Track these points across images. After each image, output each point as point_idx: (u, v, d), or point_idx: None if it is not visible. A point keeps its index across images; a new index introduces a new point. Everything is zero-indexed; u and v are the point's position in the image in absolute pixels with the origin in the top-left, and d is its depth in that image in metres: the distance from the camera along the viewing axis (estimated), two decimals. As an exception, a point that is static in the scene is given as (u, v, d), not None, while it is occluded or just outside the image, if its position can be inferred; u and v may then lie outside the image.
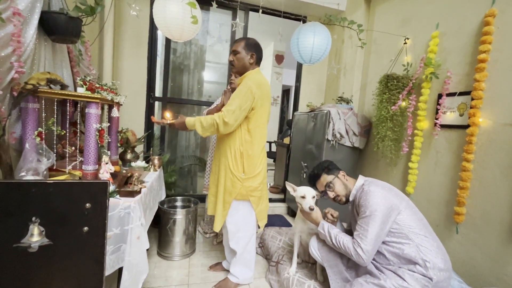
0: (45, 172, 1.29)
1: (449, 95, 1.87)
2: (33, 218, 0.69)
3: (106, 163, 1.39)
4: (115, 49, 2.48)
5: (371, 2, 2.78)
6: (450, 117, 1.87)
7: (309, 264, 1.83)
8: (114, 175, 1.43)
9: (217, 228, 1.64)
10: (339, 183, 1.46)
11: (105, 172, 1.38)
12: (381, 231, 1.23)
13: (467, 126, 1.70)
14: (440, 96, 1.91)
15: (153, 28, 2.72)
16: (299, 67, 3.35)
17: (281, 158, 3.91)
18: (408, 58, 2.23)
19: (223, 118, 1.47)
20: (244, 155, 1.59)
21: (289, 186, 1.60)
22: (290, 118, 6.11)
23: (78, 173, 1.43)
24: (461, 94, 1.80)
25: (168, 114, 1.63)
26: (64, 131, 1.47)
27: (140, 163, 1.92)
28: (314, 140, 2.69)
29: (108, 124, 1.56)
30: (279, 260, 1.88)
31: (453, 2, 1.92)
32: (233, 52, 1.63)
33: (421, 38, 2.14)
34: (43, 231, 0.70)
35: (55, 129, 1.38)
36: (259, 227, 1.79)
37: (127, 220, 1.25)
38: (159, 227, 2.11)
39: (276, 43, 5.48)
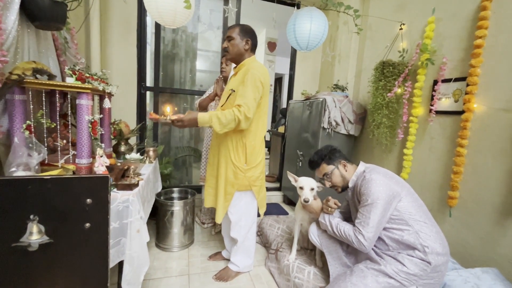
0: (36, 167, 1.24)
1: (444, 81, 1.88)
2: (31, 216, 0.65)
3: (101, 156, 1.35)
4: (102, 36, 2.37)
5: (366, -14, 2.73)
6: (445, 103, 1.88)
7: (307, 251, 1.87)
8: (109, 168, 1.39)
9: (219, 220, 1.63)
10: (337, 175, 1.45)
11: (100, 165, 1.34)
12: (382, 218, 1.24)
13: (462, 112, 1.73)
14: (435, 82, 1.92)
15: (141, 14, 2.60)
16: (293, 54, 3.30)
17: (275, 147, 3.91)
18: (404, 44, 2.22)
19: (245, 114, 1.39)
20: (246, 145, 1.57)
21: (291, 177, 1.59)
22: (283, 107, 6.07)
23: (71, 167, 1.38)
24: (456, 80, 1.81)
25: (168, 109, 1.44)
26: (54, 124, 1.40)
27: (135, 155, 1.87)
28: (310, 128, 2.68)
29: (101, 115, 1.50)
30: (278, 248, 1.91)
31: (450, -14, 1.90)
32: (228, 38, 1.58)
33: (417, 23, 2.13)
34: (43, 229, 0.67)
35: (44, 121, 1.32)
36: (258, 215, 1.80)
37: (126, 213, 1.22)
38: (157, 219, 2.09)
39: (269, 30, 5.36)
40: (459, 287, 1.32)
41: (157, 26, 2.76)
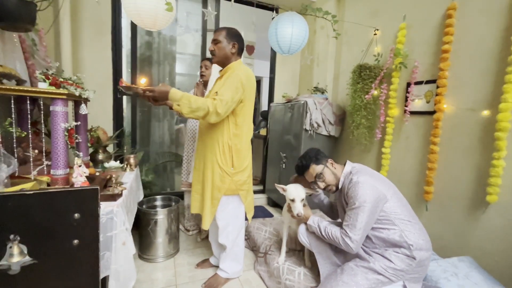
0: (6, 181, 1.13)
1: (416, 83, 2.00)
2: (11, 236, 0.59)
3: (79, 166, 1.26)
4: (73, 38, 2.23)
5: (341, -7, 2.84)
6: (418, 104, 2.01)
7: (296, 252, 1.88)
8: (90, 178, 1.31)
9: (206, 226, 1.59)
10: (329, 173, 1.46)
11: (79, 175, 1.25)
12: (369, 220, 1.28)
13: (434, 112, 1.85)
14: (408, 84, 2.04)
15: (116, 15, 2.49)
16: (273, 58, 3.34)
17: (257, 149, 3.92)
18: (378, 48, 2.34)
19: (217, 108, 1.37)
20: (233, 149, 1.55)
21: (279, 188, 1.58)
22: (263, 109, 6.09)
23: (46, 178, 1.28)
24: (427, 82, 1.94)
25: (143, 80, 1.41)
26: (25, 133, 1.29)
27: (114, 163, 1.78)
28: (292, 130, 2.72)
29: (79, 122, 1.41)
30: (267, 251, 1.91)
31: (418, -5, 2.03)
32: (214, 41, 1.56)
33: (390, 29, 2.25)
34: (25, 249, 0.61)
35: (14, 130, 1.21)
36: (246, 219, 1.79)
37: (110, 225, 1.15)
38: (139, 229, 2.00)
39: (247, 33, 5.37)
40: (440, 276, 1.40)
41: (133, 28, 2.66)
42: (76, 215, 0.65)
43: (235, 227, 1.69)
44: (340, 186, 1.45)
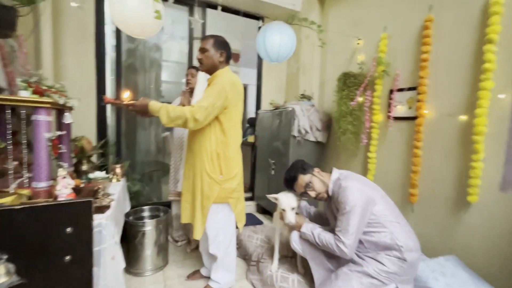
0: (-17, 195, 1.06)
1: (399, 90, 2.09)
2: (-3, 255, 0.55)
3: (64, 177, 1.21)
4: (55, 45, 2.15)
5: (325, 3, 2.95)
6: (400, 110, 2.09)
7: (288, 258, 1.88)
8: (76, 190, 1.25)
9: (198, 236, 1.56)
10: (317, 181, 1.48)
11: (64, 187, 1.19)
12: (361, 224, 1.30)
13: (415, 118, 1.94)
14: (391, 91, 2.13)
15: (99, 22, 2.44)
16: (259, 65, 3.38)
17: (245, 156, 3.90)
18: (362, 57, 2.43)
19: (194, 115, 1.39)
20: (220, 156, 1.54)
21: (271, 197, 1.59)
22: (249, 116, 6.10)
23: (26, 192, 1.21)
24: (409, 89, 2.03)
25: (126, 94, 1.45)
26: (4, 144, 1.22)
27: (100, 173, 1.71)
28: (280, 137, 2.75)
29: (64, 132, 1.35)
30: (260, 259, 1.89)
31: (398, 7, 2.15)
32: (202, 50, 1.56)
33: (372, 39, 2.35)
34: (12, 268, 0.56)
35: (-8, 141, 1.14)
36: (237, 228, 1.76)
37: (99, 239, 1.10)
38: (126, 242, 1.92)
39: (232, 41, 5.42)
40: (429, 276, 1.44)
41: (118, 35, 2.61)
42: (68, 229, 0.62)
43: (226, 236, 1.66)
44: (330, 193, 1.47)
